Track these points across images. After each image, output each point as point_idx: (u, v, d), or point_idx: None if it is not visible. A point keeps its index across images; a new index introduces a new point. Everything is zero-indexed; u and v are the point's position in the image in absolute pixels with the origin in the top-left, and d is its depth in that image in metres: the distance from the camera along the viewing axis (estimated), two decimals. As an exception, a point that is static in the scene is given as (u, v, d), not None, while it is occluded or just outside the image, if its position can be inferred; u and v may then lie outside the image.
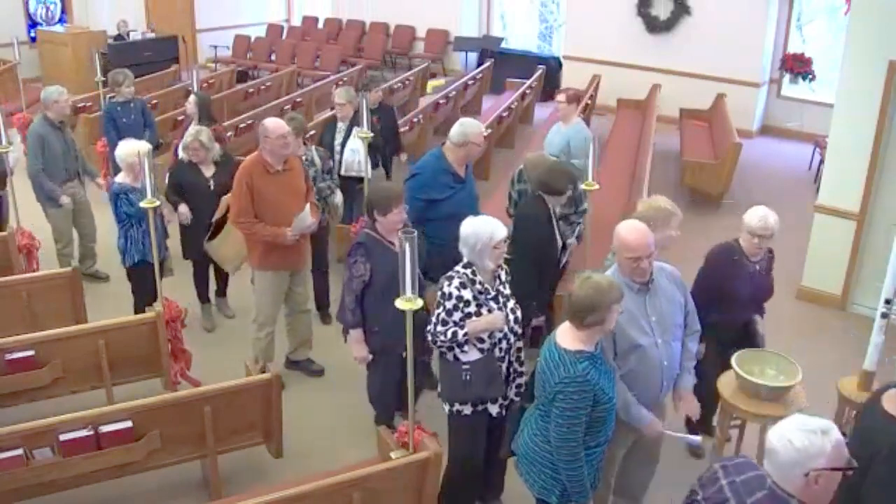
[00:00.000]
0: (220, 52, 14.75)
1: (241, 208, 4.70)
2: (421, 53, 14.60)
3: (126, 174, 5.19)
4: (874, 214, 6.13)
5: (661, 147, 9.35)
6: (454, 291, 3.50)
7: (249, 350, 5.04)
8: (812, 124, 10.74)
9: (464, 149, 4.80)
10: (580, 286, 2.98)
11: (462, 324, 3.49)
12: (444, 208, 4.73)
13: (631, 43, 12.08)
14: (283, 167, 4.78)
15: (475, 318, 3.49)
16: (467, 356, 3.55)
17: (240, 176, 4.72)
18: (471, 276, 3.54)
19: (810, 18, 11.54)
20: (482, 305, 3.51)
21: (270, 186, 4.70)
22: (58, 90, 6.00)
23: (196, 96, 6.64)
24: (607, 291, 2.95)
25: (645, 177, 7.30)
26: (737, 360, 3.76)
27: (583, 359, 3.00)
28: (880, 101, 5.83)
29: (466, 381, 3.53)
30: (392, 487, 3.50)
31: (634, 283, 3.33)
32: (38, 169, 5.88)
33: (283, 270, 4.93)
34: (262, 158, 4.72)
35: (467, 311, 3.49)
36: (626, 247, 3.29)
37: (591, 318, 2.96)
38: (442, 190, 4.77)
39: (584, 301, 2.95)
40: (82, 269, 6.25)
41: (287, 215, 4.71)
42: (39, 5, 13.90)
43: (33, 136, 5.95)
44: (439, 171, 4.81)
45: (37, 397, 4.44)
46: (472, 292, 3.51)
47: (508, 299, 3.64)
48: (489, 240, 3.47)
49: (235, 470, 4.34)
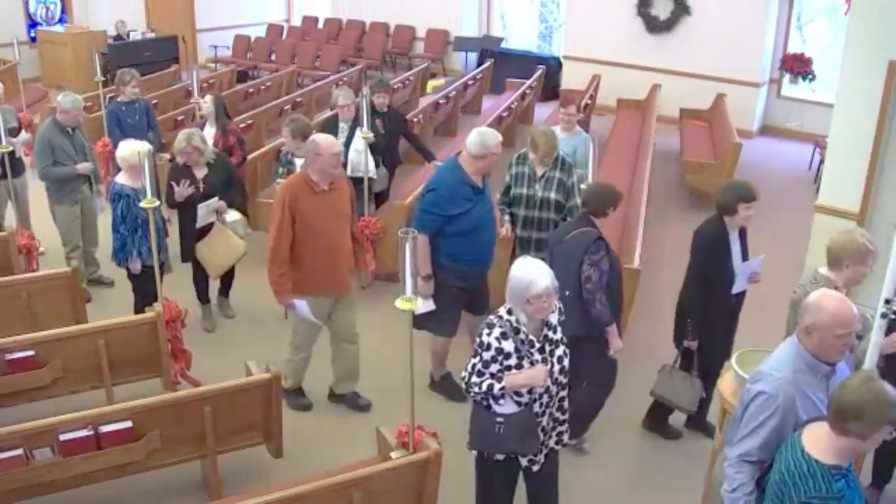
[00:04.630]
0: (220, 52, 14.75)
1: (280, 230, 4.35)
2: (421, 53, 14.60)
3: (126, 175, 5.19)
4: (874, 214, 6.13)
5: (661, 147, 9.35)
6: (493, 342, 3.17)
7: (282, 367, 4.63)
8: (812, 124, 10.75)
9: (483, 160, 4.59)
10: (857, 387, 2.48)
11: (500, 376, 3.18)
12: (462, 223, 4.56)
13: (631, 43, 12.08)
14: (329, 187, 4.46)
15: (515, 372, 3.18)
16: (503, 408, 3.26)
17: (281, 195, 4.40)
18: (514, 324, 3.19)
19: (810, 18, 11.54)
20: (524, 357, 3.20)
21: (314, 207, 4.38)
22: (72, 101, 5.93)
23: (213, 96, 6.65)
24: (891, 406, 2.45)
25: (645, 177, 7.31)
26: (737, 360, 3.76)
27: (838, 476, 2.54)
28: (880, 101, 5.83)
29: (498, 433, 3.26)
30: (392, 487, 3.50)
31: (823, 366, 2.83)
32: (46, 166, 5.87)
33: (323, 296, 4.61)
34: (308, 177, 4.41)
35: (507, 364, 3.18)
36: (841, 323, 2.74)
37: (856, 429, 2.47)
38: (461, 204, 4.56)
39: (855, 406, 2.45)
40: (86, 275, 6.28)
41: (330, 240, 4.46)
42: (39, 5, 13.90)
43: (40, 140, 5.93)
44: (457, 183, 4.58)
45: (37, 397, 4.43)
46: (515, 343, 3.18)
47: (557, 345, 3.31)
48: (524, 290, 3.12)
49: (235, 470, 4.33)
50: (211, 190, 5.53)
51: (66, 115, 5.92)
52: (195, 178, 5.53)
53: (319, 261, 4.47)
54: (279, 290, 4.48)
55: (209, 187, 5.54)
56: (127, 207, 5.09)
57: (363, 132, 5.77)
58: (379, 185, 6.70)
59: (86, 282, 6.18)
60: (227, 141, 6.46)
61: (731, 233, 4.33)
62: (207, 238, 5.60)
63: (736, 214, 4.26)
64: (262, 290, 6.17)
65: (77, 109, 5.99)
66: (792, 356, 2.86)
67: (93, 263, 6.45)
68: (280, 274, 4.44)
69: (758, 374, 2.92)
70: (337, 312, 4.72)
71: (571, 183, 5.13)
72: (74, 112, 5.96)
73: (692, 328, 4.35)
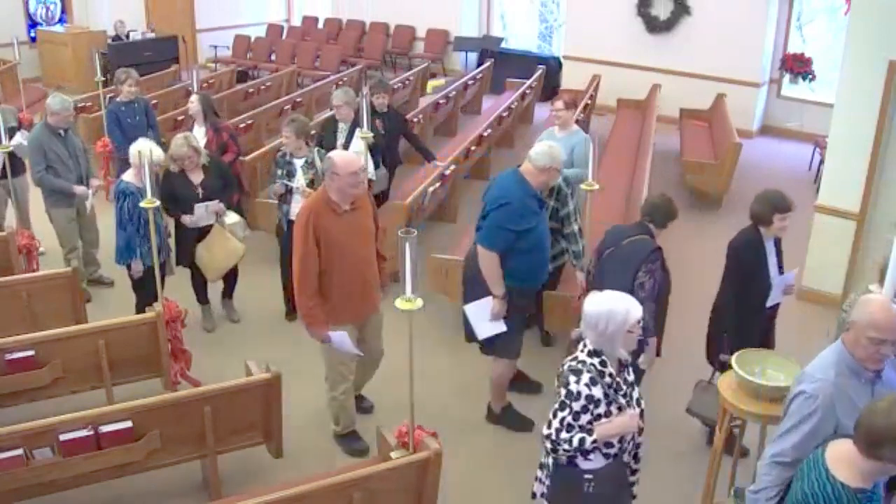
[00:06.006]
0: (220, 52, 14.75)
1: (305, 253, 4.06)
2: (421, 53, 14.60)
3: (134, 173, 5.17)
4: (874, 214, 6.13)
5: (661, 147, 9.35)
6: (584, 390, 2.92)
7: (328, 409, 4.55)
8: (812, 124, 10.75)
9: (547, 174, 4.36)
10: (888, 411, 2.39)
11: (590, 428, 2.95)
12: (530, 239, 4.34)
13: (631, 43, 12.08)
14: (352, 206, 4.17)
15: (605, 421, 2.95)
16: (591, 463, 3.01)
17: (303, 217, 4.10)
18: (599, 367, 2.97)
19: (810, 18, 11.54)
20: (611, 403, 2.97)
21: (338, 230, 4.09)
22: (61, 102, 5.86)
23: (199, 95, 6.62)
24: None
25: (645, 177, 7.30)
26: (737, 360, 3.76)
27: (865, 500, 2.48)
28: (880, 101, 5.83)
29: (587, 492, 2.99)
30: (392, 487, 3.49)
31: (866, 371, 2.82)
32: (40, 172, 5.84)
33: (350, 325, 4.31)
34: (328, 197, 4.11)
35: (597, 413, 2.95)
36: (875, 326, 2.73)
37: (888, 454, 2.38)
38: (531, 218, 4.32)
39: (887, 431, 2.36)
40: (86, 275, 6.27)
41: (358, 261, 4.20)
42: (39, 5, 13.89)
43: (32, 143, 5.89)
44: (526, 196, 4.32)
45: (37, 397, 4.43)
46: (602, 388, 2.95)
47: (633, 387, 3.11)
48: (624, 321, 2.92)
49: (235, 470, 4.33)
50: (209, 194, 5.47)
51: (57, 117, 5.84)
52: (192, 184, 5.46)
53: (349, 285, 4.20)
54: (312, 322, 4.17)
55: (207, 191, 5.47)
56: (133, 205, 5.07)
57: (363, 132, 5.77)
58: (379, 185, 6.70)
59: (86, 282, 6.17)
60: (221, 138, 6.46)
61: (766, 243, 4.25)
62: (206, 241, 5.56)
63: (771, 225, 4.18)
64: (262, 290, 6.22)
65: (67, 111, 5.89)
66: (835, 359, 2.84)
67: (93, 263, 6.45)
68: (312, 306, 4.13)
69: (802, 376, 2.92)
70: (366, 332, 4.45)
71: (566, 213, 4.97)
72: (64, 113, 5.86)
73: (728, 342, 4.19)
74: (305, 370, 5.10)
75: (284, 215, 5.74)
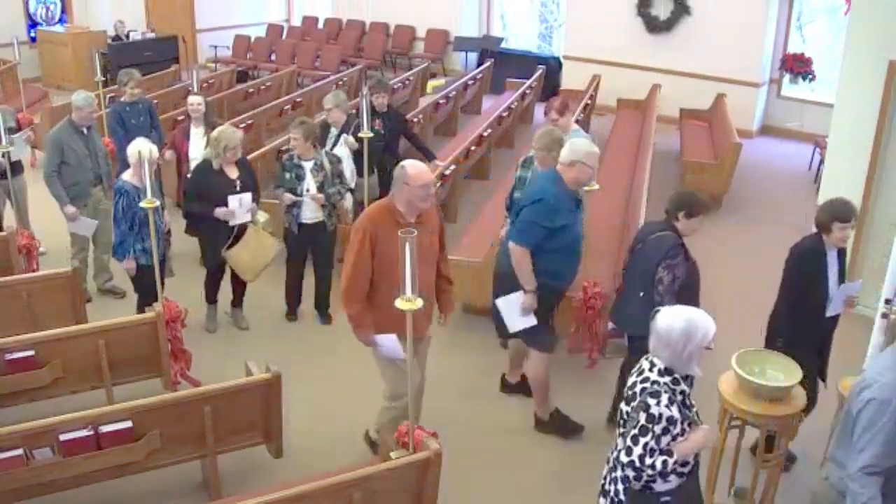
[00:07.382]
0: (220, 52, 14.75)
1: (357, 262, 3.86)
2: (421, 53, 14.60)
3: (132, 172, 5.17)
4: (874, 214, 6.13)
5: (661, 147, 9.35)
6: (664, 412, 2.83)
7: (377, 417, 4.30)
8: (812, 124, 10.75)
9: (573, 169, 4.31)
10: None
11: (669, 449, 2.87)
12: (565, 237, 4.34)
13: (631, 43, 12.08)
14: (417, 220, 3.90)
15: (682, 440, 2.88)
16: (668, 484, 2.92)
17: (361, 226, 3.88)
18: (672, 385, 2.88)
19: (810, 18, 11.55)
20: (684, 420, 2.90)
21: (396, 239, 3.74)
22: (85, 98, 5.90)
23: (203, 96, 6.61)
24: None
25: (645, 177, 7.30)
26: (737, 360, 3.76)
27: None
28: (880, 101, 5.84)
29: None
30: (392, 487, 3.49)
31: None
32: (50, 172, 5.83)
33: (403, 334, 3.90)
34: (394, 206, 3.89)
35: (674, 433, 2.87)
36: None
37: None
38: (566, 215, 4.33)
39: None
40: (97, 285, 6.28)
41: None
42: (39, 5, 13.89)
43: (51, 139, 5.90)
44: (561, 194, 4.32)
45: (37, 397, 4.43)
46: (678, 407, 2.87)
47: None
48: (703, 339, 2.84)
49: (235, 470, 4.33)
50: (245, 190, 5.44)
51: (80, 112, 5.88)
52: (230, 179, 5.40)
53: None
54: (358, 325, 3.98)
55: (244, 188, 5.44)
56: (128, 204, 5.08)
57: (363, 132, 5.76)
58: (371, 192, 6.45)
59: (97, 290, 6.22)
60: None
61: (829, 253, 4.15)
62: (243, 242, 5.47)
63: (831, 234, 4.07)
64: (263, 291, 6.21)
65: (90, 106, 5.95)
66: (893, 362, 2.84)
67: (105, 271, 6.34)
68: (359, 310, 3.95)
69: (863, 383, 2.92)
70: None
71: None
72: (88, 109, 5.92)
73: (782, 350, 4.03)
74: (305, 370, 5.09)
75: (294, 218, 5.68)
